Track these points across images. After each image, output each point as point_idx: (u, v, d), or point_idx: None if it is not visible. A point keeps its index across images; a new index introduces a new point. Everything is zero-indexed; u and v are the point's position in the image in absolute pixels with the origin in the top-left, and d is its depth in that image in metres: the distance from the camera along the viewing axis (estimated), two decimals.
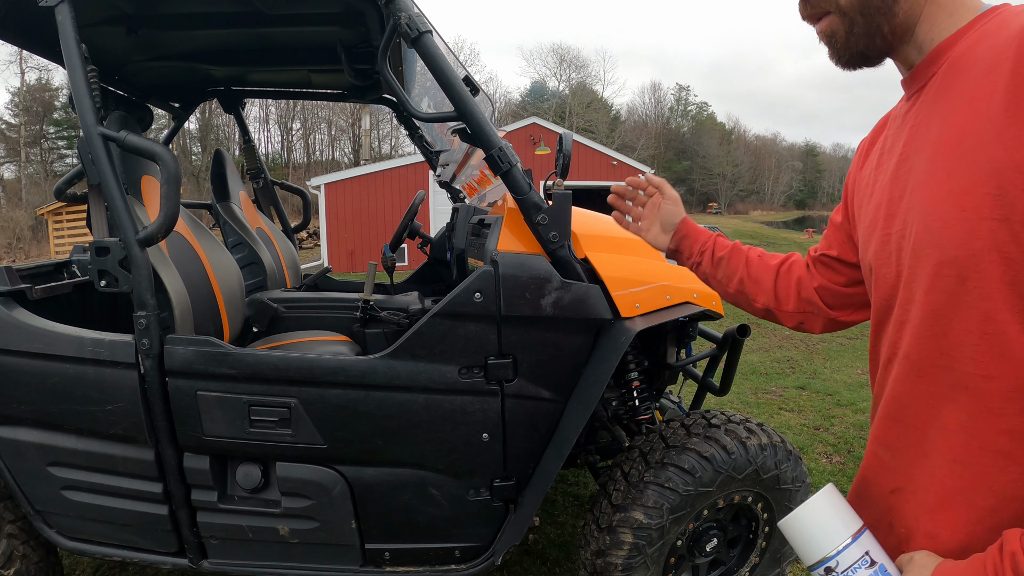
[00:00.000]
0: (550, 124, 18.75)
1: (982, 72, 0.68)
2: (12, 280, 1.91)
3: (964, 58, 0.73)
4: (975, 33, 0.73)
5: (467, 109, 1.71)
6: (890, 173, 0.83)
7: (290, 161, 39.64)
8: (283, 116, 40.07)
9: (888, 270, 0.80)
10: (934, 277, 0.71)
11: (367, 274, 2.57)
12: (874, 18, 0.77)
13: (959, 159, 0.68)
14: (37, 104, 33.98)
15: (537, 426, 1.80)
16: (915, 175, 0.76)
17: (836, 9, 0.78)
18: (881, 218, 0.83)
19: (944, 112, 0.73)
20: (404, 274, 3.96)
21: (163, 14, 2.12)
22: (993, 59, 0.67)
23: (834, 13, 0.79)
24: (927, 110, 0.77)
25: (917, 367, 0.74)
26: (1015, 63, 0.63)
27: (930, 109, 0.76)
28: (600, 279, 1.78)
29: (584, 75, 46.91)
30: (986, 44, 0.70)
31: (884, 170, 0.86)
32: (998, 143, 0.63)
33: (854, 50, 0.80)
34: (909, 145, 0.79)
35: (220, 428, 1.77)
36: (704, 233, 1.24)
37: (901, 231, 0.77)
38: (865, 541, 0.72)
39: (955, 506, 0.70)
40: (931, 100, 0.77)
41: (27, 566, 1.99)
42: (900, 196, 0.79)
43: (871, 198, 0.88)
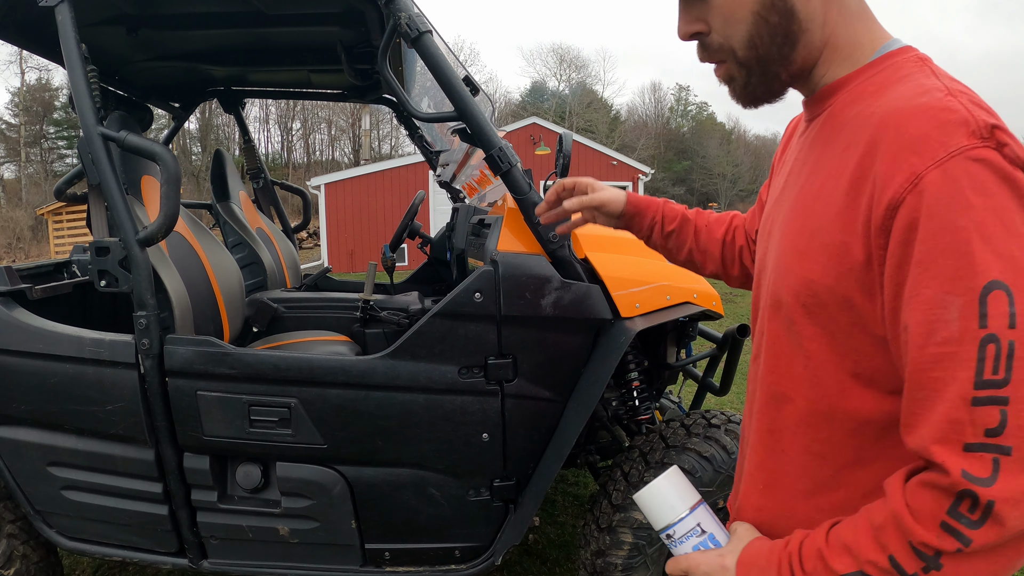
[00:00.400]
0: (550, 124, 18.76)
1: (845, 143, 0.72)
2: (12, 280, 1.91)
3: (838, 116, 0.77)
4: (857, 86, 0.76)
5: (467, 109, 1.71)
6: (779, 190, 0.89)
7: (290, 161, 39.64)
8: (283, 116, 40.07)
9: (762, 279, 0.87)
10: (772, 311, 0.81)
11: (367, 274, 2.57)
12: (771, 67, 0.78)
13: (807, 220, 0.75)
14: (37, 104, 33.98)
15: (537, 426, 1.80)
16: (783, 211, 0.83)
17: (733, 59, 0.79)
18: (765, 231, 0.90)
19: (813, 166, 0.79)
20: (404, 274, 3.96)
21: (163, 14, 2.12)
22: (853, 133, 0.71)
23: (730, 61, 0.80)
24: (807, 151, 0.82)
25: (763, 375, 0.84)
26: (861, 157, 0.68)
27: (808, 153, 0.81)
28: (600, 279, 1.78)
29: (584, 75, 46.94)
30: (856, 109, 0.74)
31: (779, 181, 0.91)
32: (836, 222, 0.70)
33: (753, 95, 0.82)
34: (791, 176, 0.85)
35: (220, 428, 1.77)
36: (651, 207, 1.24)
37: (768, 256, 0.85)
38: (699, 514, 0.86)
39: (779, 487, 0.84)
40: (811, 144, 0.81)
41: (27, 566, 1.99)
42: (776, 221, 0.85)
43: (770, 200, 0.94)
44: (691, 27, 0.80)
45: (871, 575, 0.64)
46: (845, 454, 0.76)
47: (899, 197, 0.62)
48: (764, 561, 0.75)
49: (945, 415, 0.60)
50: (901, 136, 0.64)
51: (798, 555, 0.71)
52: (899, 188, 0.62)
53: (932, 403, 0.62)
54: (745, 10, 0.75)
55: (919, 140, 0.62)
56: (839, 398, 0.75)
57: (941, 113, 0.63)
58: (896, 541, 0.63)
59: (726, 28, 0.77)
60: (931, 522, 0.61)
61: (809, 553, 0.70)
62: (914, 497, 0.63)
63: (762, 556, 0.76)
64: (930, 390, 0.62)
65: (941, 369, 0.61)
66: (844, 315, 0.71)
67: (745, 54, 0.78)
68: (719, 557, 0.80)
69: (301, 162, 40.37)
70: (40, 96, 33.94)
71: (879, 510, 0.67)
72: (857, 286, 0.69)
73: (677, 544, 0.87)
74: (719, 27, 0.78)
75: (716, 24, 0.78)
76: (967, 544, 0.59)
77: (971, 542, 0.59)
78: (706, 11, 0.78)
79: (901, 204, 0.62)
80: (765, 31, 0.76)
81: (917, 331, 0.62)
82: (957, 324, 0.59)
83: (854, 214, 0.68)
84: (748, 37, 0.77)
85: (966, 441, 0.59)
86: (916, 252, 0.62)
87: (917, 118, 0.64)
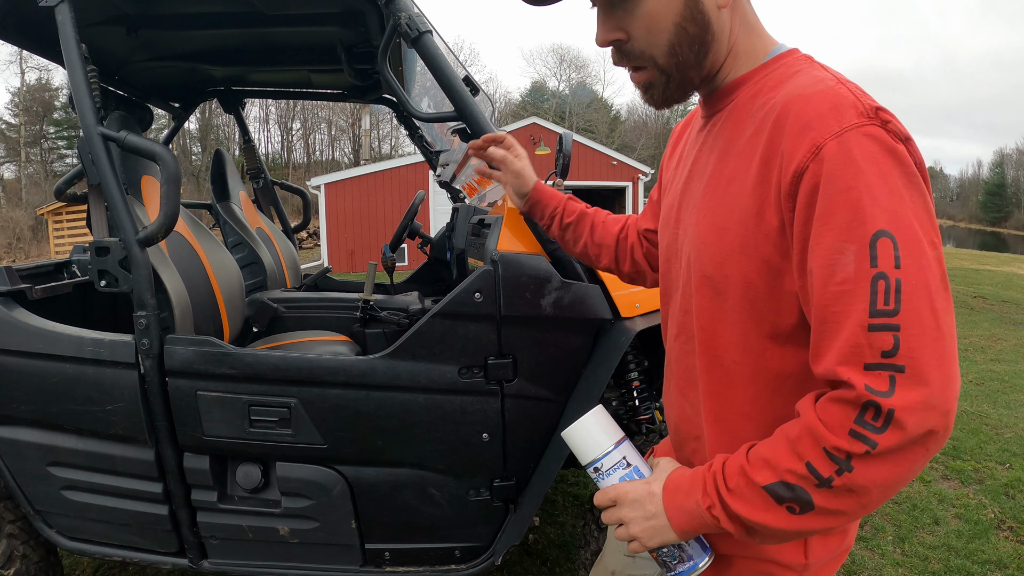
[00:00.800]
0: (550, 124, 18.75)
1: (751, 132, 0.82)
2: (12, 280, 1.91)
3: (743, 108, 0.86)
4: (757, 82, 0.86)
5: (467, 109, 1.71)
6: (682, 182, 0.98)
7: (290, 161, 39.62)
8: (283, 116, 40.06)
9: (676, 264, 0.97)
10: (699, 287, 0.89)
11: (367, 274, 2.57)
12: (688, 72, 0.87)
13: (723, 200, 0.85)
14: (37, 104, 33.97)
15: (537, 426, 1.80)
16: (694, 197, 0.92)
17: (653, 65, 0.86)
18: (672, 219, 0.99)
19: (720, 153, 0.88)
20: (404, 274, 3.95)
21: (163, 14, 2.12)
22: (759, 122, 0.81)
23: (651, 68, 0.87)
24: (711, 142, 0.91)
25: (699, 348, 0.92)
26: (769, 137, 0.78)
27: (713, 144, 0.91)
28: (600, 279, 1.78)
29: (584, 75, 46.92)
30: (759, 101, 0.83)
31: (680, 174, 1.00)
32: (751, 196, 0.80)
33: (670, 98, 0.90)
34: (696, 165, 0.94)
35: (220, 428, 1.77)
36: (555, 199, 1.36)
37: (681, 236, 0.95)
38: (623, 448, 0.93)
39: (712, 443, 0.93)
40: (715, 136, 0.91)
41: (27, 566, 1.99)
42: (685, 207, 0.95)
43: (668, 193, 1.04)
44: (611, 35, 0.86)
45: (791, 482, 0.73)
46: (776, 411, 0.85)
47: (803, 165, 0.73)
48: (688, 484, 0.83)
49: (847, 341, 0.69)
50: (802, 116, 0.74)
51: (721, 474, 0.80)
52: (803, 157, 0.73)
53: (835, 333, 0.71)
54: (667, 21, 0.83)
55: (818, 118, 0.73)
56: (762, 359, 0.84)
57: (834, 97, 0.74)
58: (811, 449, 0.71)
59: (648, 37, 0.84)
60: (841, 430, 0.69)
61: (732, 471, 0.79)
62: (824, 411, 0.71)
63: (686, 479, 0.84)
64: (833, 323, 0.71)
65: (841, 304, 0.70)
66: (763, 279, 0.81)
67: (666, 61, 0.85)
68: (645, 484, 0.88)
69: (301, 162, 40.36)
70: (40, 96, 33.94)
71: (793, 427, 0.75)
72: (775, 250, 0.79)
73: (604, 477, 0.93)
74: (641, 36, 0.85)
75: (637, 33, 0.85)
76: (874, 447, 0.68)
77: (877, 445, 0.67)
78: (628, 21, 0.84)
79: (805, 171, 0.72)
80: (684, 40, 0.84)
81: (820, 274, 0.72)
82: (852, 266, 0.69)
83: (766, 188, 0.78)
84: (669, 45, 0.84)
85: (866, 361, 0.68)
86: (818, 208, 0.72)
87: (815, 101, 0.74)
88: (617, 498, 0.88)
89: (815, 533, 0.81)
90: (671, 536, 0.84)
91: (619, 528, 0.88)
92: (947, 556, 2.69)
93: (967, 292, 10.25)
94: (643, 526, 0.85)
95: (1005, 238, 52.57)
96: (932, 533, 2.88)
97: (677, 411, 1.02)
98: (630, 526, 0.86)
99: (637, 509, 0.86)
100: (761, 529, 0.76)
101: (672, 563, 0.89)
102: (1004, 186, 64.18)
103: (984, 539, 2.82)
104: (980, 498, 3.20)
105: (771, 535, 0.77)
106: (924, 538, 2.83)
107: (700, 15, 0.83)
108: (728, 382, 0.88)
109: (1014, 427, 4.17)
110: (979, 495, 3.23)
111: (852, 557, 2.67)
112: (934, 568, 2.61)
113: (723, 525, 0.78)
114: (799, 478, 0.72)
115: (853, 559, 2.65)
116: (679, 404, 1.00)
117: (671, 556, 0.89)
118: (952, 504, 3.15)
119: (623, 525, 0.87)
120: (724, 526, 0.78)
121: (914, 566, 2.62)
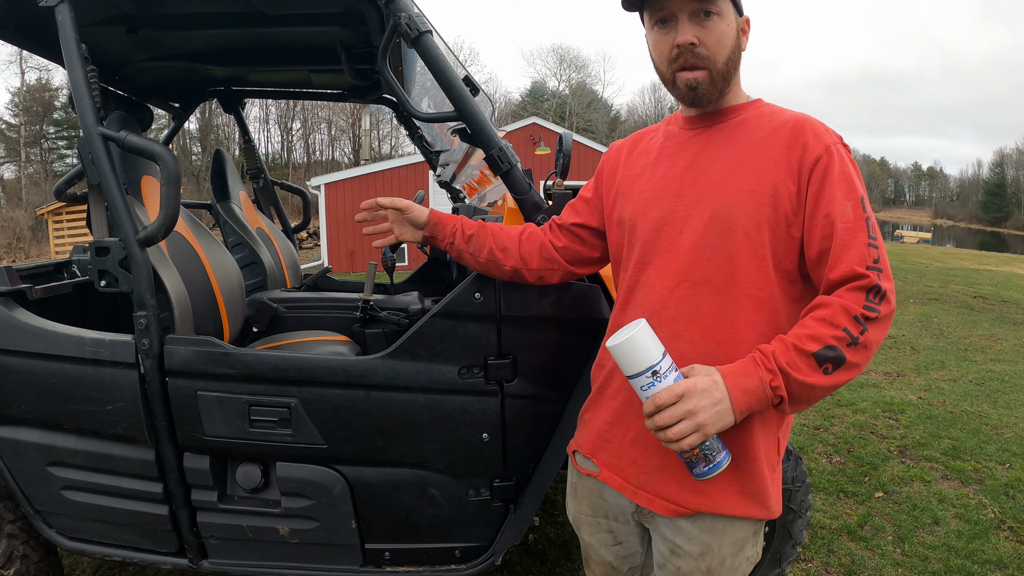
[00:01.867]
0: (550, 124, 18.75)
1: (766, 133, 1.19)
2: (12, 280, 1.91)
3: (750, 122, 1.22)
4: (755, 110, 1.24)
5: (467, 109, 1.71)
6: (678, 170, 1.24)
7: (290, 161, 39.61)
8: (283, 116, 40.05)
9: (672, 228, 1.21)
10: (726, 237, 1.16)
11: (367, 274, 2.57)
12: (726, 81, 1.20)
13: (751, 171, 1.17)
14: (37, 104, 33.96)
15: (537, 426, 1.80)
16: (710, 176, 1.20)
17: (712, 68, 1.17)
18: (669, 195, 1.24)
19: (736, 145, 1.20)
20: (404, 274, 3.95)
21: (163, 14, 2.11)
22: (774, 128, 1.19)
23: (708, 70, 1.17)
24: (720, 141, 1.22)
25: (720, 287, 1.17)
26: (790, 136, 1.17)
27: (724, 141, 1.22)
28: (600, 279, 1.78)
29: (584, 75, 46.90)
30: (765, 119, 1.21)
31: (664, 167, 1.27)
32: (776, 169, 1.15)
33: (710, 98, 1.20)
34: (700, 157, 1.23)
35: (220, 428, 1.77)
36: (451, 218, 1.57)
37: (692, 204, 1.20)
38: (668, 357, 1.07)
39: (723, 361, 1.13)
40: (724, 136, 1.23)
41: (27, 566, 1.99)
42: (692, 184, 1.21)
43: (647, 182, 1.29)
44: (690, 38, 1.15)
45: (833, 344, 1.04)
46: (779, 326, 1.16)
47: (820, 155, 1.14)
48: (744, 368, 1.07)
49: (858, 252, 1.08)
50: (814, 129, 1.17)
51: (771, 355, 1.06)
52: (819, 151, 1.14)
53: (848, 249, 1.08)
54: (729, 41, 1.17)
55: (822, 132, 1.17)
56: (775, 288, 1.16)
57: (823, 124, 1.19)
58: (845, 318, 1.05)
59: (716, 48, 1.16)
60: (859, 304, 1.05)
61: (781, 351, 1.06)
62: (846, 296, 1.06)
63: (741, 366, 1.07)
64: (847, 243, 1.09)
65: (849, 234, 1.09)
66: (781, 227, 1.15)
67: (722, 67, 1.18)
68: (706, 376, 1.06)
69: (301, 162, 40.35)
70: (40, 96, 33.93)
71: (822, 312, 1.07)
72: (790, 207, 1.15)
73: (661, 380, 1.04)
74: (712, 45, 1.15)
75: (710, 42, 1.15)
76: (879, 314, 1.06)
77: (880, 312, 1.06)
78: (704, 33, 1.15)
79: (820, 158, 1.14)
80: (732, 59, 1.19)
81: (836, 215, 1.10)
82: (851, 213, 1.10)
83: (789, 166, 1.15)
84: (726, 59, 1.17)
85: (867, 264, 1.07)
86: (829, 179, 1.12)
87: (816, 124, 1.18)
88: (686, 391, 1.03)
89: (839, 387, 1.08)
90: (730, 419, 1.05)
91: (680, 424, 1.02)
92: (947, 556, 2.69)
93: (967, 292, 10.25)
94: (711, 412, 1.03)
95: (1005, 238, 52.57)
96: (932, 533, 2.88)
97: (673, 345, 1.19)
98: (699, 414, 1.02)
99: (706, 397, 1.03)
100: (807, 393, 1.05)
101: (712, 455, 1.06)
102: (1004, 186, 64.18)
103: (984, 539, 2.82)
104: (980, 498, 3.19)
105: (811, 396, 1.06)
106: (924, 538, 2.83)
107: (738, 48, 1.20)
108: (749, 307, 1.16)
109: (1014, 427, 4.17)
110: (979, 495, 3.23)
111: (852, 557, 2.67)
112: (934, 568, 2.61)
113: (780, 393, 1.04)
114: (838, 340, 1.04)
115: (853, 559, 2.65)
116: (671, 347, 1.14)
117: (711, 449, 1.05)
118: (952, 504, 3.15)
119: (686, 419, 1.02)
120: (780, 394, 1.04)
121: (914, 566, 2.62)
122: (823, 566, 2.63)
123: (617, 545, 1.36)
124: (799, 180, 1.14)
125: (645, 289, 1.25)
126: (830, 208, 1.10)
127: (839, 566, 2.62)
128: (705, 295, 1.17)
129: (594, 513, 1.37)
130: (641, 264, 1.26)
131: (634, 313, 1.24)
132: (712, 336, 1.17)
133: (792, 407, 1.07)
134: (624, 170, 1.37)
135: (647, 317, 1.17)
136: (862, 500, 3.19)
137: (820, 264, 1.12)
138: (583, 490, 1.39)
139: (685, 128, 1.28)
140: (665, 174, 1.26)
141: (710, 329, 1.17)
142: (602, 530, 1.37)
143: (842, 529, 2.89)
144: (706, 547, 1.21)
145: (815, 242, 1.12)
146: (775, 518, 1.33)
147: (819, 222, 1.11)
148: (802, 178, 1.14)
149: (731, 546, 1.22)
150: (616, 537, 1.36)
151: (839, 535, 2.85)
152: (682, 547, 1.23)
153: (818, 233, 1.12)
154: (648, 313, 1.21)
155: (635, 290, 1.27)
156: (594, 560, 1.42)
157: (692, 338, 1.18)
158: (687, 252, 1.19)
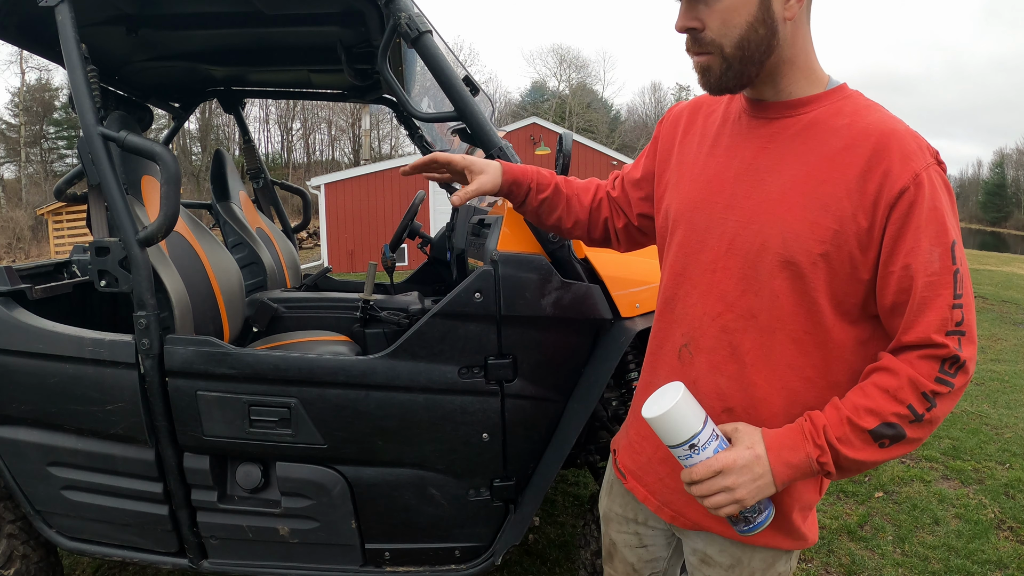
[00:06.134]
0: (550, 124, 18.75)
1: (842, 145, 0.99)
2: (12, 280, 1.91)
3: (824, 123, 1.02)
4: (832, 104, 1.03)
5: (467, 109, 1.71)
6: (732, 173, 1.09)
7: (290, 161, 39.61)
8: (283, 116, 40.04)
9: (721, 243, 1.08)
10: (778, 270, 1.02)
11: (367, 274, 2.57)
12: (748, 67, 1.01)
13: (815, 197, 0.99)
14: (37, 104, 33.96)
15: (537, 426, 1.80)
16: (767, 190, 1.04)
17: (719, 54, 1.00)
18: (720, 203, 1.09)
19: (802, 155, 1.02)
20: (404, 274, 3.95)
21: (163, 14, 2.11)
22: (852, 139, 0.99)
23: (716, 55, 1.00)
24: (784, 144, 1.05)
25: (767, 323, 1.04)
26: (870, 157, 0.97)
27: (787, 145, 1.04)
28: (600, 279, 1.78)
29: (584, 75, 46.90)
30: (844, 121, 1.01)
31: (719, 161, 1.12)
32: (847, 199, 0.97)
33: (724, 86, 1.03)
34: (760, 160, 1.06)
35: (220, 428, 1.77)
36: (526, 175, 1.37)
37: (742, 223, 1.06)
38: (710, 423, 1.00)
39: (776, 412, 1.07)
40: (789, 138, 1.04)
41: (27, 566, 1.99)
42: (746, 196, 1.06)
43: (698, 176, 1.14)
44: (689, 23, 1.00)
45: (893, 422, 0.94)
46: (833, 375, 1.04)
47: (905, 186, 0.94)
48: (791, 441, 0.98)
49: (938, 315, 0.94)
50: (903, 149, 0.96)
51: (822, 430, 0.97)
52: (906, 181, 0.95)
53: (928, 309, 0.94)
54: (741, 19, 0.97)
55: (912, 154, 0.96)
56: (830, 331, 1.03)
57: (917, 139, 0.98)
58: (912, 395, 0.94)
59: (721, 29, 0.98)
60: (931, 378, 0.94)
61: (834, 423, 0.97)
62: (917, 366, 0.95)
63: (786, 437, 0.99)
64: (926, 303, 0.94)
65: (932, 290, 0.94)
66: (844, 267, 0.99)
67: (732, 52, 0.99)
68: (747, 449, 0.99)
69: (301, 162, 40.34)
70: (40, 96, 33.93)
71: (886, 380, 0.96)
72: (857, 245, 0.97)
73: (700, 452, 0.98)
74: (715, 27, 0.98)
75: (712, 24, 0.98)
76: (952, 388, 0.94)
77: (953, 386, 0.94)
78: (706, 13, 0.98)
79: (905, 191, 0.94)
80: (754, 39, 0.98)
81: (918, 268, 0.94)
82: (938, 264, 0.94)
83: (863, 196, 0.96)
84: (739, 39, 0.98)
85: (948, 329, 0.93)
86: (914, 220, 0.94)
87: (907, 139, 0.97)
88: (725, 467, 0.97)
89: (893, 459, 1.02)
90: (771, 492, 0.99)
91: (718, 495, 0.97)
92: (947, 556, 2.69)
93: None
94: (750, 488, 0.97)
95: (1005, 238, 52.56)
96: (932, 533, 2.88)
97: (702, 387, 1.10)
98: (737, 490, 0.97)
99: (746, 474, 0.97)
100: (855, 466, 0.97)
101: (753, 516, 1.01)
102: (1004, 186, 64.17)
103: (984, 539, 2.82)
104: (980, 498, 3.19)
105: (862, 468, 0.98)
106: (924, 538, 2.83)
107: (770, 20, 0.98)
108: (793, 352, 1.04)
109: (1014, 427, 4.17)
110: (979, 495, 3.23)
111: (852, 557, 2.67)
112: (934, 568, 2.61)
113: (828, 469, 0.97)
114: (900, 418, 0.94)
115: (853, 559, 2.65)
116: (709, 379, 1.09)
117: (753, 511, 1.00)
118: (952, 504, 3.15)
119: (723, 492, 0.97)
120: (828, 469, 0.97)
121: (914, 566, 2.62)
122: (823, 566, 2.63)
123: (642, 548, 1.33)
124: (874, 215, 0.96)
125: (685, 308, 1.15)
126: (911, 259, 0.94)
127: (839, 566, 2.62)
128: (749, 331, 1.06)
129: (624, 513, 1.33)
130: (679, 275, 1.16)
131: (677, 330, 1.15)
132: (751, 376, 1.07)
133: (839, 476, 1.00)
134: (680, 149, 1.22)
135: (688, 340, 1.11)
136: (862, 500, 3.19)
137: (893, 315, 0.98)
138: (619, 489, 1.34)
139: (747, 112, 1.11)
140: (718, 173, 1.11)
141: (750, 369, 1.07)
142: (629, 531, 1.33)
143: (842, 529, 2.89)
144: (736, 560, 1.16)
145: (889, 293, 0.97)
146: (809, 547, 1.26)
147: (896, 272, 0.95)
148: (878, 214, 0.95)
149: (762, 561, 1.16)
150: (642, 540, 1.32)
151: (839, 535, 2.85)
152: (712, 557, 1.18)
153: (894, 285, 0.96)
154: (688, 337, 1.13)
155: (674, 304, 1.17)
156: (617, 558, 1.38)
157: (732, 373, 1.08)
158: (734, 280, 1.07)
